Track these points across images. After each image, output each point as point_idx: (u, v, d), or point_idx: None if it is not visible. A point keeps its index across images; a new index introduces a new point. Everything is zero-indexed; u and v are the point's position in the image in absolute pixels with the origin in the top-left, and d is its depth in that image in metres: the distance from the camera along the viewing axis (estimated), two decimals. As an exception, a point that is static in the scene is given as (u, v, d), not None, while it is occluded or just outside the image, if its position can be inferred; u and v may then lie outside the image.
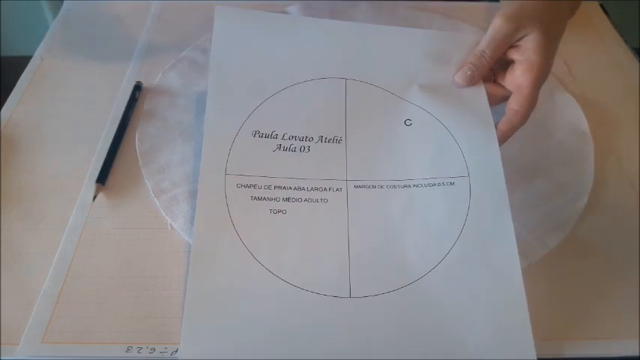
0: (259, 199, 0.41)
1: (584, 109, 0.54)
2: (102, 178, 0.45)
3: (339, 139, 0.44)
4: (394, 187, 0.42)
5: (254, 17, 0.48)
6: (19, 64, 0.57)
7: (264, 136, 0.44)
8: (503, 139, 0.43)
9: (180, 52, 0.57)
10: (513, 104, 0.43)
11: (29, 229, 0.43)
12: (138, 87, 0.53)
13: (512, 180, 0.41)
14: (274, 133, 0.44)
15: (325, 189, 0.42)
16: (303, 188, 0.42)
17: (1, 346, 0.37)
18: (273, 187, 0.42)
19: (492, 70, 0.47)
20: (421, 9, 0.63)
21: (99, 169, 0.46)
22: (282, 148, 0.43)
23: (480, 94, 0.45)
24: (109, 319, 0.38)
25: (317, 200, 0.41)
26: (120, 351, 0.37)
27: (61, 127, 0.50)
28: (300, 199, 0.41)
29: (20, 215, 0.44)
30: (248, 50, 0.47)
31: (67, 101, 0.53)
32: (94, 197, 0.44)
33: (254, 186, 0.41)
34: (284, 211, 0.41)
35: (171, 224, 0.43)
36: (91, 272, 0.40)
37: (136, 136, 0.49)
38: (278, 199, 0.41)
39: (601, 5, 0.67)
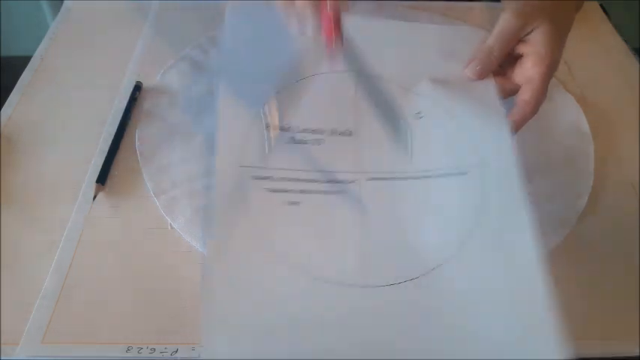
0: (275, 191, 0.41)
1: (584, 109, 0.53)
2: (102, 178, 0.45)
3: (350, 132, 0.44)
4: (407, 178, 0.42)
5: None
6: (19, 64, 0.57)
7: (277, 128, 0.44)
8: (514, 129, 0.43)
9: (180, 51, 0.57)
10: (524, 95, 0.43)
11: (29, 229, 0.43)
12: (138, 87, 0.53)
13: (512, 180, 0.41)
14: (287, 126, 0.44)
15: (339, 181, 0.42)
16: (318, 180, 0.42)
17: (1, 346, 0.37)
18: (288, 179, 0.42)
19: (500, 66, 0.47)
20: (421, 9, 0.63)
21: (99, 169, 0.46)
22: (295, 141, 0.43)
23: (489, 86, 0.45)
24: (109, 319, 0.38)
25: (331, 192, 0.42)
26: (120, 351, 0.37)
27: (61, 127, 0.50)
28: (315, 191, 0.41)
29: (20, 215, 0.44)
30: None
31: (67, 101, 0.53)
32: (94, 197, 0.44)
33: (269, 178, 0.42)
34: (299, 203, 0.41)
35: (171, 224, 0.43)
36: (91, 272, 0.40)
37: (136, 136, 0.49)
38: (293, 191, 0.41)
39: (601, 5, 0.67)
